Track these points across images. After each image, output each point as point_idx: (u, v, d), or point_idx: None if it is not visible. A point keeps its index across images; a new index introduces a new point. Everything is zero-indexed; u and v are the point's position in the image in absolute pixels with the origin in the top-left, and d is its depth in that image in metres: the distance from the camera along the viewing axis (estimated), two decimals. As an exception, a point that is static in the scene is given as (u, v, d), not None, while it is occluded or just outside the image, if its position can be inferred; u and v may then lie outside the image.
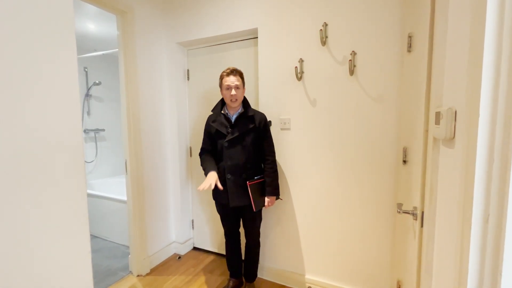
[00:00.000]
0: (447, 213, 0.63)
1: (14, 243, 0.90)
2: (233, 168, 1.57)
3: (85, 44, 2.99)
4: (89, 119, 3.14)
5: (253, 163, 1.62)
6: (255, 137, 1.60)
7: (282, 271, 1.92)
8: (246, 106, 1.62)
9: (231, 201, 1.58)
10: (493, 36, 0.43)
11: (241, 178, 1.58)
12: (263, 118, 1.63)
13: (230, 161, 1.57)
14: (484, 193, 0.44)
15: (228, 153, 1.57)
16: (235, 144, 1.57)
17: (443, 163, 0.67)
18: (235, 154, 1.57)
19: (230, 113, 1.61)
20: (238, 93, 1.55)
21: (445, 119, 0.61)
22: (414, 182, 0.97)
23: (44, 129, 0.96)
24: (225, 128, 1.58)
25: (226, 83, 1.54)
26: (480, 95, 0.44)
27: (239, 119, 1.59)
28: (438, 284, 0.67)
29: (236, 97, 1.55)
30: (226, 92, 1.56)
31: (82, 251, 1.09)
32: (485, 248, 0.45)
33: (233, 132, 1.56)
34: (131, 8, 1.89)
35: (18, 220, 0.90)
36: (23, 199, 0.91)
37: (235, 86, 1.55)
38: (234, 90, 1.54)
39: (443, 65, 0.68)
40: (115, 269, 2.15)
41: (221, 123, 1.59)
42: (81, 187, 1.08)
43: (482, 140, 0.45)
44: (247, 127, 1.57)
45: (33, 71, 0.93)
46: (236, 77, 1.56)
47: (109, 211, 2.63)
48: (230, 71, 1.56)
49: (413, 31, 1.25)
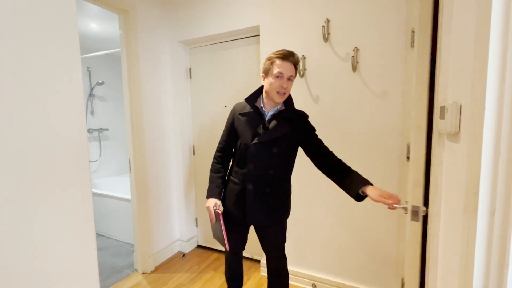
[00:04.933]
0: (452, 208, 0.63)
1: (21, 239, 0.91)
2: (256, 177, 1.23)
3: (88, 44, 3.00)
4: (92, 119, 3.16)
5: (280, 176, 1.28)
6: (291, 144, 1.25)
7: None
8: (288, 103, 1.25)
9: (250, 218, 1.26)
10: (499, 29, 0.43)
11: (264, 192, 1.25)
12: (306, 118, 1.29)
13: (254, 169, 1.23)
14: (490, 187, 0.44)
15: (254, 158, 1.22)
16: (264, 149, 1.21)
17: (448, 158, 0.67)
18: (262, 162, 1.22)
19: (266, 108, 1.24)
20: (289, 86, 1.18)
21: (450, 114, 0.60)
22: (410, 177, 0.96)
23: (50, 128, 0.97)
24: (256, 127, 1.22)
25: (278, 69, 1.14)
26: (486, 88, 0.44)
27: (275, 118, 1.22)
28: (444, 278, 0.67)
29: (286, 90, 1.18)
30: (275, 81, 1.15)
31: (88, 249, 1.10)
32: (491, 242, 0.45)
33: (265, 134, 1.20)
34: (133, 7, 1.89)
35: (24, 217, 0.91)
36: (29, 197, 0.92)
37: (289, 77, 1.16)
38: (286, 81, 1.16)
39: (447, 59, 0.67)
40: (120, 266, 2.17)
41: (252, 118, 1.23)
42: (86, 185, 1.09)
43: (488, 134, 0.44)
44: (283, 132, 1.21)
45: (37, 71, 0.94)
46: (291, 66, 1.16)
47: (113, 209, 2.65)
48: (288, 53, 1.15)
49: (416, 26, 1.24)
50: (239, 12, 1.89)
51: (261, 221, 1.29)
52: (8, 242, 0.88)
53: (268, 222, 1.30)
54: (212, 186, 1.34)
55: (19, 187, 0.89)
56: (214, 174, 1.36)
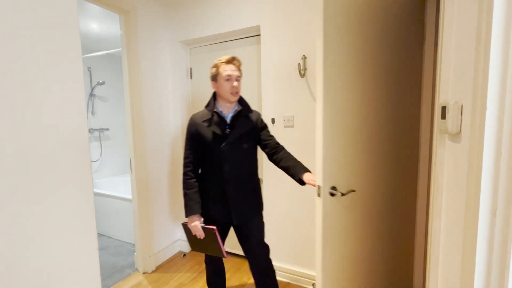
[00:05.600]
0: (453, 208, 0.63)
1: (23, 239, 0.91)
2: (234, 176, 1.30)
3: (89, 44, 3.01)
4: (93, 119, 3.16)
5: (253, 169, 1.39)
6: (255, 138, 1.37)
7: (286, 269, 1.92)
8: (242, 102, 1.36)
9: (236, 218, 1.31)
10: (501, 28, 0.43)
11: (245, 188, 1.33)
12: (259, 115, 1.42)
13: (232, 169, 1.29)
14: (492, 187, 0.44)
15: (228, 158, 1.28)
16: (236, 148, 1.29)
17: (449, 158, 0.67)
18: (236, 159, 1.30)
19: (225, 112, 1.33)
20: (239, 85, 1.30)
21: (452, 114, 0.60)
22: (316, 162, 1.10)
23: (52, 128, 0.97)
24: (223, 129, 1.29)
25: (225, 72, 1.25)
26: (487, 88, 0.44)
27: (236, 118, 1.32)
28: (445, 278, 0.67)
29: (238, 89, 1.29)
30: (225, 84, 1.26)
31: (89, 248, 1.11)
32: (492, 242, 0.45)
33: (233, 133, 1.29)
34: (134, 7, 1.89)
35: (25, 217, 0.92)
36: (30, 196, 0.92)
37: (237, 78, 1.28)
38: (235, 82, 1.27)
39: (448, 59, 0.67)
40: (121, 266, 2.17)
41: (217, 123, 1.29)
42: (87, 185, 1.09)
43: (489, 133, 0.44)
44: (248, 127, 1.32)
45: (39, 71, 0.94)
46: (236, 68, 1.29)
47: (114, 209, 2.65)
48: (231, 58, 1.28)
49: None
50: (240, 11, 1.89)
51: (247, 216, 1.35)
52: (10, 241, 0.88)
53: (252, 214, 1.37)
54: (190, 204, 1.33)
55: (21, 187, 0.90)
56: (189, 191, 1.34)
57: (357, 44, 1.14)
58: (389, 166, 1.37)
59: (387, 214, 1.39)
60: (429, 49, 1.40)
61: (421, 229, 1.58)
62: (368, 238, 1.32)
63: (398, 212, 1.46)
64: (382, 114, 1.32)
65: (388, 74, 1.32)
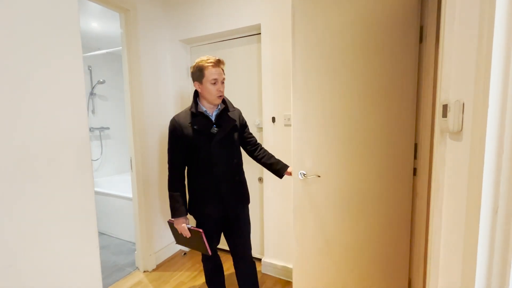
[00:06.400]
0: (454, 206, 0.63)
1: (24, 238, 0.92)
2: (225, 172, 1.35)
3: (89, 43, 3.00)
4: (94, 118, 3.16)
5: (241, 163, 1.46)
6: (238, 135, 1.43)
7: (287, 268, 1.93)
8: (224, 100, 1.39)
9: (229, 208, 1.38)
10: (503, 26, 0.43)
11: (234, 181, 1.40)
12: (240, 112, 1.47)
13: (221, 165, 1.34)
14: (493, 185, 0.44)
15: (219, 155, 1.33)
16: (224, 145, 1.34)
17: (450, 156, 0.67)
18: (226, 156, 1.35)
19: (209, 111, 1.36)
20: (223, 87, 1.33)
21: (453, 112, 0.60)
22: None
23: (52, 127, 0.97)
24: (210, 128, 1.32)
25: (212, 76, 1.26)
26: (489, 86, 0.44)
27: (220, 116, 1.36)
28: (446, 277, 0.67)
29: (223, 92, 1.33)
30: (211, 87, 1.27)
31: (90, 246, 1.11)
32: (493, 240, 0.45)
33: (221, 130, 1.33)
34: (134, 6, 1.89)
35: (26, 216, 0.92)
36: (31, 195, 0.93)
37: (222, 80, 1.31)
38: (221, 85, 1.30)
39: (450, 57, 0.67)
40: (122, 265, 2.18)
41: (203, 123, 1.32)
42: (88, 183, 1.09)
43: (491, 132, 0.44)
44: (232, 124, 1.37)
45: (39, 70, 0.94)
46: (222, 71, 1.31)
47: (115, 208, 2.66)
48: (217, 61, 1.29)
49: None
50: (240, 10, 1.89)
51: (239, 207, 1.43)
52: (11, 241, 0.88)
53: (243, 204, 1.46)
54: (177, 206, 1.34)
55: (22, 186, 0.90)
56: (175, 193, 1.36)
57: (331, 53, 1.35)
58: (364, 158, 1.47)
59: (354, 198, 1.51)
60: (430, 48, 1.39)
61: (421, 229, 1.58)
62: (345, 220, 1.52)
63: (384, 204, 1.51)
64: (360, 112, 1.44)
65: (376, 74, 1.40)
